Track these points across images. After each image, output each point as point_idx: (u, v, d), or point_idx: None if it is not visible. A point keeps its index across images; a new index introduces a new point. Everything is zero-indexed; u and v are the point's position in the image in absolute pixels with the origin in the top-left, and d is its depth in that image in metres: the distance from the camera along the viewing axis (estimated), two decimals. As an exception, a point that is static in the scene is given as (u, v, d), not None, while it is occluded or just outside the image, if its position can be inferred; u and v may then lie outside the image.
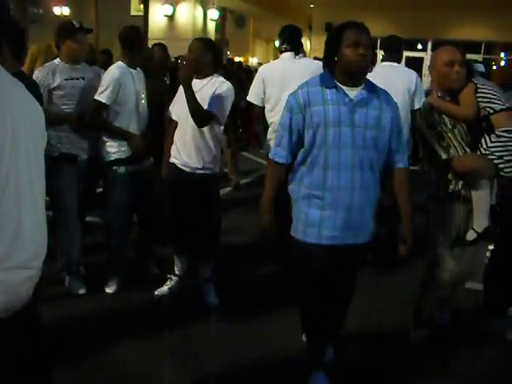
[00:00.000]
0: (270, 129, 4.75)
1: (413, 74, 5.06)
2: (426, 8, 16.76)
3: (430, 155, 3.33)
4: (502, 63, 17.84)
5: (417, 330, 3.58)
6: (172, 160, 3.98)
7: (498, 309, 3.93)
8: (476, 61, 4.71)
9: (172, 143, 3.99)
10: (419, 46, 19.83)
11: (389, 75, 4.84)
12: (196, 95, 3.71)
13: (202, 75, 3.85)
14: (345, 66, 2.73)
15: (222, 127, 4.00)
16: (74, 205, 4.07)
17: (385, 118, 2.77)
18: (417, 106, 4.80)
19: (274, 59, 5.65)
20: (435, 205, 3.43)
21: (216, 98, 3.79)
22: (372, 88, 2.82)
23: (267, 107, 4.70)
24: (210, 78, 3.88)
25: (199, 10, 16.98)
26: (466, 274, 3.49)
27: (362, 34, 2.72)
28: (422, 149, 3.42)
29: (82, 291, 4.15)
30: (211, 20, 17.60)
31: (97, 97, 3.95)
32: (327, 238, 2.83)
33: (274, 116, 4.62)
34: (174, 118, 4.01)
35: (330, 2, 18.08)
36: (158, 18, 16.04)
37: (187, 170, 3.91)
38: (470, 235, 3.28)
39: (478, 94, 3.21)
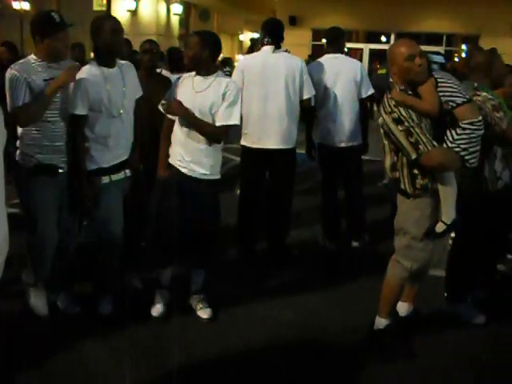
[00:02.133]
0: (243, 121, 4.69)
1: (357, 63, 5.25)
2: (388, 1, 16.92)
3: (397, 151, 3.31)
4: (463, 55, 18.11)
5: (384, 318, 3.62)
6: (174, 162, 3.70)
7: (460, 295, 4.02)
8: (436, 52, 4.82)
9: (169, 143, 3.72)
10: (383, 39, 20.00)
11: (335, 66, 5.00)
12: (200, 95, 3.56)
13: (204, 72, 3.61)
14: None
15: None
16: (52, 223, 3.58)
17: None
18: (364, 95, 5.00)
19: (239, 54, 5.68)
20: (403, 198, 3.42)
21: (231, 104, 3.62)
22: None
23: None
24: (215, 75, 3.62)
25: (162, 5, 16.84)
26: (430, 263, 3.54)
27: None
28: (387, 143, 3.37)
29: (44, 311, 3.73)
30: (175, 14, 17.47)
31: (70, 109, 3.51)
32: None
33: (247, 108, 4.60)
34: (170, 116, 3.73)
35: (294, -5, 18.13)
36: (120, 13, 15.86)
37: (194, 175, 3.65)
38: (440, 227, 3.33)
39: (438, 89, 3.23)
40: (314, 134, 5.22)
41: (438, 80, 3.26)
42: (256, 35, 20.79)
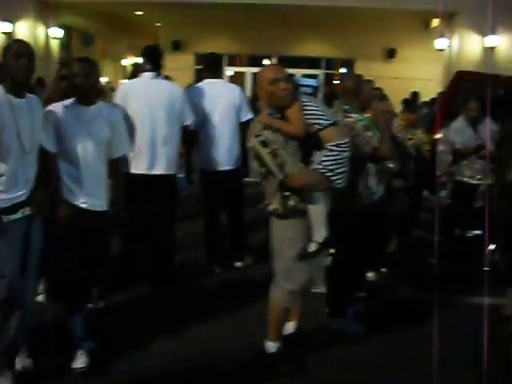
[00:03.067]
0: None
1: (236, 88, 5.38)
2: (269, 25, 17.32)
3: (267, 174, 3.37)
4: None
5: (273, 341, 3.62)
6: (70, 199, 3.47)
7: (340, 310, 4.15)
8: (313, 75, 5.03)
9: (58, 178, 3.46)
10: (266, 62, 20.46)
11: (214, 91, 5.09)
12: (92, 124, 3.44)
13: (91, 101, 3.48)
14: None
15: None
16: None
17: None
18: (243, 119, 5.11)
19: (124, 79, 5.62)
20: (276, 220, 3.51)
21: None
22: None
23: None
24: (98, 103, 3.54)
25: (41, 28, 16.30)
26: (310, 283, 3.58)
27: None
28: (259, 167, 3.40)
29: None
30: (55, 38, 16.97)
31: None
32: None
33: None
34: (51, 150, 3.42)
35: (175, 20, 18.12)
36: (-5, 35, 15.16)
37: (95, 208, 3.52)
38: (313, 246, 3.39)
39: (304, 112, 3.32)
40: (194, 158, 5.26)
41: (304, 104, 3.36)
42: (140, 60, 20.59)
